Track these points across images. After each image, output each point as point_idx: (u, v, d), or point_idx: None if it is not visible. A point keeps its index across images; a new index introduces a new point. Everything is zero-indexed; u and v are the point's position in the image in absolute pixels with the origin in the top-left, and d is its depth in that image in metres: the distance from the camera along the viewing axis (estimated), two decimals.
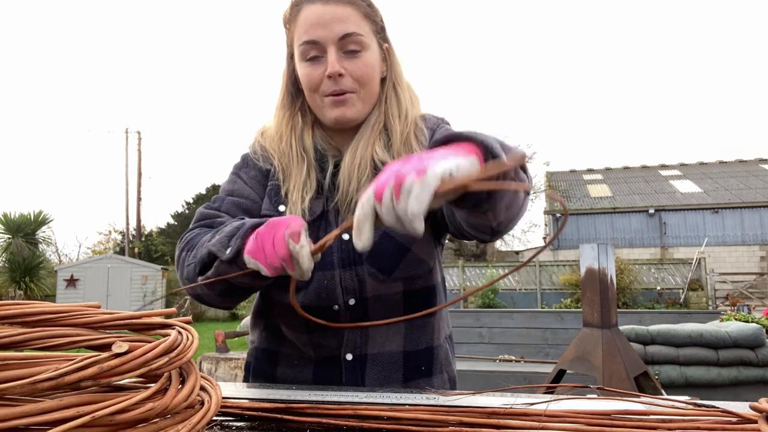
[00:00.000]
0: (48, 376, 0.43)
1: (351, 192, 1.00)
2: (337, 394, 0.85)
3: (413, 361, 1.04)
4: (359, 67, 1.00)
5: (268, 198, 1.05)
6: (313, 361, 1.04)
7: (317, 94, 1.02)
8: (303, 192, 1.01)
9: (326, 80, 0.99)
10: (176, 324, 0.58)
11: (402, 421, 0.67)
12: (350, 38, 0.98)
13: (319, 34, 0.98)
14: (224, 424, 0.70)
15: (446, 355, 1.10)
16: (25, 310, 0.52)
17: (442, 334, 1.10)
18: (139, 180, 24.01)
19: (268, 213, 1.03)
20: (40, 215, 16.33)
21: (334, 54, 0.98)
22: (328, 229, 1.01)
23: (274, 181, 1.06)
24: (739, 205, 19.97)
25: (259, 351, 1.11)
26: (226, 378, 3.15)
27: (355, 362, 1.02)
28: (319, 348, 1.03)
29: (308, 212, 1.00)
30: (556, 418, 0.64)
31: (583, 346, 3.07)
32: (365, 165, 1.01)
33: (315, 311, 0.95)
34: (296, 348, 1.05)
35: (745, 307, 11.63)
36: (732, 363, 4.09)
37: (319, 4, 0.98)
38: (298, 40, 1.01)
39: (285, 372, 1.06)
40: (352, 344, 1.02)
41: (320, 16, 0.98)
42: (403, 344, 1.04)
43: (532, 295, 16.55)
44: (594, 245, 3.00)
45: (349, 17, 0.99)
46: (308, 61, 1.00)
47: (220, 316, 16.53)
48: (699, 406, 0.67)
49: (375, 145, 1.02)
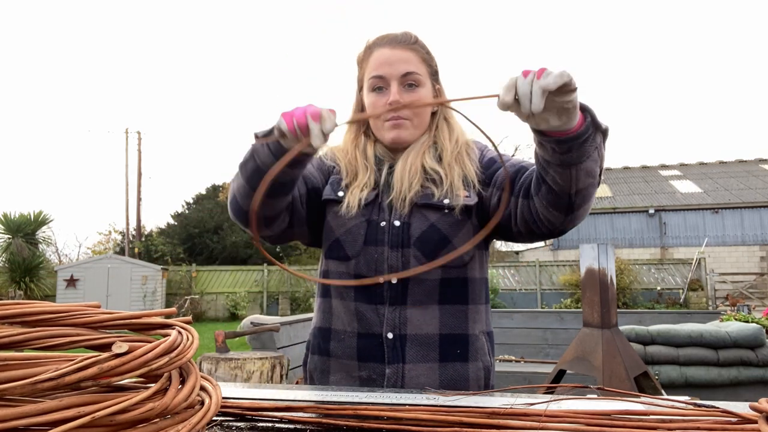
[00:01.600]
0: (48, 376, 0.43)
1: (404, 190, 1.18)
2: (336, 394, 0.85)
3: (448, 344, 1.16)
4: (414, 99, 1.20)
5: (331, 186, 1.25)
6: (357, 335, 1.17)
7: (379, 120, 1.23)
8: (363, 186, 1.22)
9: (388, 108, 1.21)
10: (176, 324, 0.58)
11: (402, 421, 0.67)
12: (410, 76, 1.20)
13: (386, 70, 1.20)
14: (224, 424, 0.70)
15: (483, 346, 1.21)
16: (25, 309, 0.52)
17: (477, 326, 1.21)
18: (139, 180, 24.01)
19: (329, 197, 1.23)
20: (40, 215, 16.33)
21: (396, 87, 1.19)
22: (380, 213, 1.20)
23: (337, 176, 1.27)
24: (739, 205, 19.97)
25: (316, 330, 1.27)
26: (226, 378, 3.15)
27: (395, 340, 1.15)
28: (362, 320, 1.17)
29: (363, 200, 1.20)
30: (556, 418, 0.64)
31: (583, 346, 3.07)
32: (416, 170, 1.20)
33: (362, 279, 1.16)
34: (344, 323, 1.20)
35: (745, 307, 11.63)
36: (732, 363, 4.09)
37: (387, 47, 1.22)
38: (368, 75, 1.23)
39: (336, 346, 1.20)
40: (392, 323, 1.15)
41: (388, 57, 1.20)
42: (439, 328, 1.16)
43: (532, 295, 16.55)
44: (594, 245, 3.00)
45: (411, 60, 1.21)
46: (374, 92, 1.22)
47: (220, 316, 16.54)
48: (699, 406, 0.67)
49: (425, 155, 1.22)
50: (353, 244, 1.18)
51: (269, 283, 17.21)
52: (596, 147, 0.95)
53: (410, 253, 1.16)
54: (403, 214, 1.18)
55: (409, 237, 1.16)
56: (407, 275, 1.13)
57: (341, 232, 1.20)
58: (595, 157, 0.95)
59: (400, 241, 1.17)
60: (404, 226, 1.17)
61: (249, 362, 3.19)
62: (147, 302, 15.76)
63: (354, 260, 1.18)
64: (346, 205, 1.19)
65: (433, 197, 1.17)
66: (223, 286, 17.29)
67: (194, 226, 20.88)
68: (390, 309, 1.15)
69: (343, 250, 1.19)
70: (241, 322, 4.46)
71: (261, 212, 1.11)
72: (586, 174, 0.97)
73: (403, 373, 1.13)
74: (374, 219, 1.19)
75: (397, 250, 1.16)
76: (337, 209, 1.21)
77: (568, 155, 0.93)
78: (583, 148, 0.93)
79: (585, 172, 0.96)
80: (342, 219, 1.20)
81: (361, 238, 1.18)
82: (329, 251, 1.22)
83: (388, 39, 1.23)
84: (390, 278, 1.15)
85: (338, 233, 1.20)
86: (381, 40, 1.23)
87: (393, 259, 1.16)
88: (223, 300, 16.88)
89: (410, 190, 1.18)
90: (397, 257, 1.16)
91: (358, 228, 1.19)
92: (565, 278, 16.03)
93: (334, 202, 1.22)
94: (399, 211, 1.18)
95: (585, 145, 0.93)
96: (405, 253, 1.16)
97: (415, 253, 1.16)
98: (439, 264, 1.09)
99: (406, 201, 1.18)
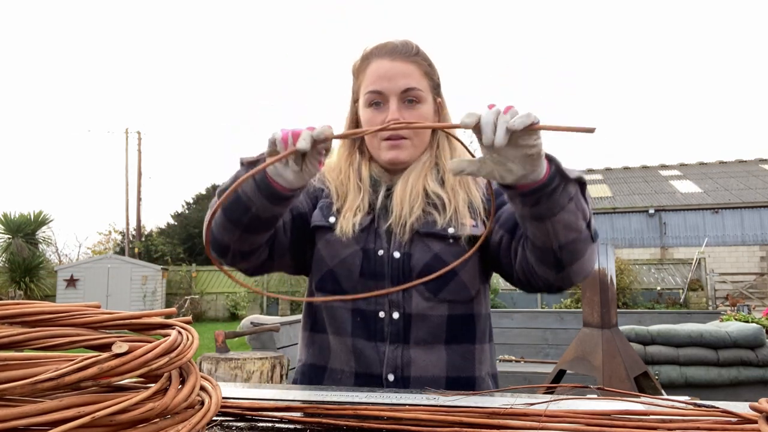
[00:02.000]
0: (48, 376, 0.43)
1: (404, 215, 1.10)
2: (336, 394, 0.85)
3: (455, 388, 1.06)
4: (415, 118, 1.11)
5: (320, 211, 1.16)
6: (354, 374, 1.08)
7: (375, 138, 1.14)
8: (356, 210, 1.12)
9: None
10: (176, 324, 0.58)
11: (402, 421, 0.67)
12: (410, 92, 1.11)
13: (385, 85, 1.10)
14: (224, 424, 0.70)
15: (489, 388, 1.13)
16: (25, 310, 0.52)
17: (484, 368, 1.14)
18: (139, 180, 24.00)
19: (319, 224, 1.14)
20: (40, 215, 16.34)
21: (395, 104, 1.10)
22: (377, 241, 1.11)
23: (326, 199, 1.17)
24: (739, 205, 19.96)
25: (306, 367, 1.17)
26: (226, 378, 3.15)
27: (397, 384, 1.05)
28: (360, 359, 1.08)
29: (358, 225, 1.11)
30: (556, 418, 0.64)
31: (583, 347, 3.07)
32: (417, 193, 1.11)
33: (362, 314, 1.09)
34: (340, 361, 1.11)
35: (745, 307, 11.63)
36: (732, 363, 4.09)
37: (387, 59, 1.12)
38: (365, 88, 1.13)
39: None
40: (393, 364, 1.06)
41: (387, 71, 1.11)
42: (446, 370, 1.08)
43: (532, 295, 16.54)
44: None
45: (412, 74, 1.12)
46: (371, 107, 1.13)
47: (220, 316, 16.54)
48: (699, 406, 0.67)
49: (427, 178, 1.13)
50: (349, 275, 1.09)
51: (269, 283, 17.21)
52: (570, 198, 0.89)
53: (413, 287, 1.07)
54: (404, 243, 1.09)
55: (411, 269, 1.07)
56: (407, 287, 1.05)
57: (335, 263, 1.10)
58: (571, 209, 0.89)
59: (402, 274, 1.08)
60: (405, 257, 1.08)
61: (249, 362, 3.19)
62: (147, 302, 15.76)
63: (351, 294, 1.09)
64: (339, 231, 1.10)
65: (436, 225, 1.09)
66: (223, 286, 17.29)
67: (194, 226, 20.88)
68: (391, 348, 1.06)
69: (338, 283, 1.10)
70: (241, 322, 4.45)
71: (237, 247, 1.04)
72: (565, 228, 0.90)
73: None
74: (370, 247, 1.10)
75: (399, 285, 1.08)
76: (329, 237, 1.12)
77: (538, 208, 0.88)
78: (552, 199, 0.87)
79: (563, 226, 0.90)
80: (335, 247, 1.11)
81: (357, 269, 1.09)
82: (321, 283, 1.12)
83: (388, 49, 1.13)
84: (391, 291, 1.06)
85: (331, 264, 1.11)
86: (379, 50, 1.13)
87: (394, 294, 1.07)
88: (223, 300, 16.89)
89: (411, 214, 1.09)
90: (399, 292, 1.08)
91: (353, 258, 1.09)
92: None
93: (325, 228, 1.13)
94: (399, 238, 1.09)
95: (554, 195, 0.87)
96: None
97: (418, 288, 1.07)
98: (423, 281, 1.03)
99: (406, 227, 1.09)
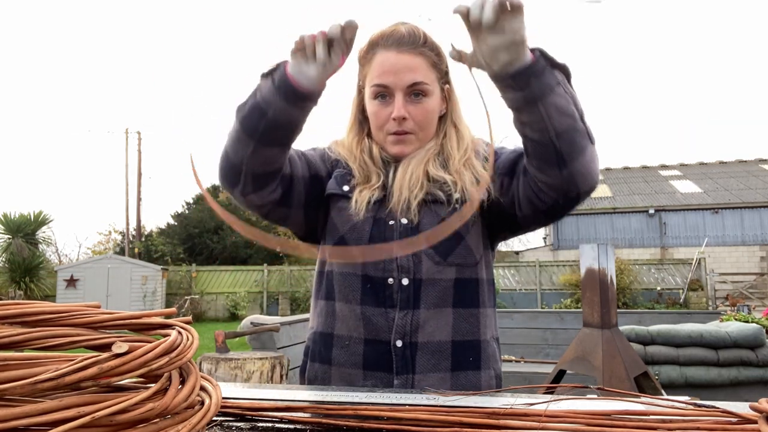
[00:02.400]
0: (48, 376, 0.43)
1: (403, 201, 1.11)
2: (336, 395, 0.85)
3: (461, 352, 1.10)
4: (421, 113, 1.12)
5: (336, 181, 1.17)
6: (363, 341, 1.10)
7: (382, 131, 1.15)
8: (369, 187, 1.14)
9: (391, 121, 1.13)
10: (176, 324, 0.58)
11: (402, 421, 0.67)
12: (417, 86, 1.11)
13: (391, 80, 1.10)
14: (224, 424, 0.70)
15: (493, 353, 1.17)
16: (25, 310, 0.52)
17: (488, 332, 1.16)
18: (139, 180, 23.99)
19: (334, 191, 1.16)
20: (40, 215, 16.34)
21: (401, 100, 1.11)
22: (389, 214, 1.12)
23: (342, 170, 1.19)
24: (739, 205, 19.96)
25: (316, 335, 1.18)
26: (226, 378, 3.15)
27: (405, 349, 1.08)
28: (369, 325, 1.09)
29: (372, 199, 1.13)
30: (556, 418, 0.64)
31: (583, 347, 3.07)
32: (417, 178, 1.12)
33: (371, 281, 1.10)
34: (349, 328, 1.12)
35: (745, 308, 11.63)
36: (732, 363, 4.09)
37: (393, 52, 1.11)
38: (371, 80, 1.13)
39: (339, 354, 1.12)
40: (402, 330, 1.08)
41: (393, 65, 1.10)
42: (452, 334, 1.10)
43: (532, 295, 16.54)
44: (594, 245, 3.00)
45: (418, 67, 1.11)
46: (377, 101, 1.13)
47: (220, 316, 16.54)
48: (699, 406, 0.67)
49: (429, 163, 1.14)
50: (358, 241, 1.11)
51: (269, 283, 17.21)
52: (558, 82, 0.93)
53: (422, 251, 1.10)
54: (412, 210, 1.11)
55: (420, 233, 1.09)
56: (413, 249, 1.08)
57: (346, 229, 1.13)
58: (560, 93, 0.93)
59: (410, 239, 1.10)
60: (412, 223, 1.11)
61: (249, 362, 3.19)
62: (147, 302, 15.75)
63: (360, 260, 1.12)
64: (354, 202, 1.12)
65: (442, 198, 1.11)
66: (223, 286, 17.29)
67: (194, 226, 20.86)
68: (401, 314, 1.08)
69: (347, 249, 1.13)
70: (241, 323, 4.45)
71: (250, 166, 1.03)
72: (558, 111, 0.93)
73: (412, 384, 1.07)
74: (381, 217, 1.13)
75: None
76: (342, 205, 1.14)
77: (529, 90, 0.91)
78: (542, 80, 0.91)
79: (555, 109, 0.92)
80: (347, 215, 1.13)
81: (366, 235, 1.11)
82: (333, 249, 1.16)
83: (394, 39, 1.11)
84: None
85: (342, 230, 1.13)
86: (386, 40, 1.12)
87: (402, 259, 1.10)
88: (223, 300, 16.89)
89: (412, 199, 1.11)
90: (407, 257, 1.10)
91: (363, 224, 1.12)
92: (565, 278, 16.02)
93: (338, 197, 1.15)
94: (404, 214, 1.12)
95: (543, 77, 0.91)
96: (417, 252, 1.10)
97: (427, 251, 1.10)
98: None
99: (412, 206, 1.11)
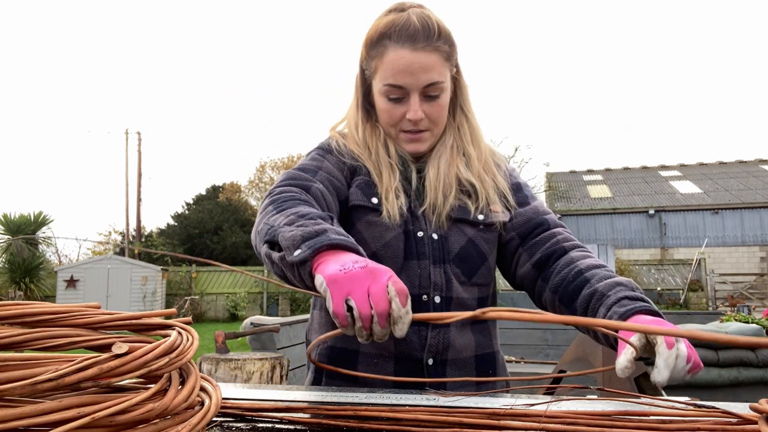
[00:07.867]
0: (48, 377, 0.43)
1: (438, 203, 1.09)
2: (336, 395, 0.85)
3: (482, 365, 1.11)
4: (436, 110, 1.09)
5: (360, 190, 1.10)
6: (394, 358, 1.06)
7: (395, 128, 1.12)
8: (395, 193, 1.08)
9: (406, 120, 1.09)
10: (176, 325, 0.58)
11: (402, 421, 0.66)
12: (433, 86, 1.06)
13: (406, 81, 1.05)
14: (224, 424, 0.70)
15: (502, 362, 1.19)
16: (25, 310, 0.52)
17: (496, 342, 1.18)
18: (139, 181, 23.99)
19: (360, 203, 1.09)
20: (40, 216, 16.34)
21: (417, 101, 1.07)
22: (416, 223, 1.09)
23: (364, 177, 1.12)
24: (739, 205, 19.96)
25: (336, 350, 1.09)
26: (225, 379, 3.15)
27: (436, 366, 1.06)
28: (401, 344, 1.05)
29: (404, 208, 1.08)
30: (556, 418, 0.64)
31: (583, 347, 3.06)
32: (450, 181, 1.10)
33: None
34: (378, 345, 1.05)
35: (745, 308, 11.64)
36: (732, 364, 4.09)
37: (408, 49, 1.04)
38: (383, 78, 1.07)
39: (366, 372, 1.05)
40: (434, 348, 1.06)
41: (409, 65, 1.04)
42: (474, 349, 1.10)
43: None
44: (594, 246, 3.00)
45: (434, 66, 1.05)
46: (391, 100, 1.08)
47: (220, 317, 16.54)
48: (699, 407, 0.67)
49: (458, 165, 1.12)
50: (394, 259, 1.06)
51: (269, 283, 17.19)
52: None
53: (450, 269, 1.08)
54: (441, 225, 1.09)
55: (449, 252, 1.08)
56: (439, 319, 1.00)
57: (379, 246, 1.07)
58: None
59: (441, 256, 1.08)
60: (442, 239, 1.09)
61: (249, 363, 3.18)
62: (147, 303, 15.75)
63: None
64: (386, 215, 1.06)
65: (469, 212, 1.10)
66: (223, 286, 17.30)
67: (194, 227, 20.89)
68: (433, 332, 1.05)
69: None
70: (242, 323, 4.46)
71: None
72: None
73: None
74: (410, 229, 1.08)
75: (439, 266, 1.07)
76: (371, 218, 1.08)
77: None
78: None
79: None
80: (377, 229, 1.07)
81: (401, 253, 1.07)
82: None
83: (408, 35, 1.04)
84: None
85: (374, 246, 1.07)
86: (398, 34, 1.04)
87: (437, 275, 1.06)
88: (223, 300, 16.89)
89: (446, 204, 1.09)
90: (439, 273, 1.07)
91: (397, 241, 1.07)
92: None
93: (366, 209, 1.09)
94: (435, 223, 1.10)
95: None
96: (446, 269, 1.08)
97: (454, 270, 1.08)
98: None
99: (442, 216, 1.09)
